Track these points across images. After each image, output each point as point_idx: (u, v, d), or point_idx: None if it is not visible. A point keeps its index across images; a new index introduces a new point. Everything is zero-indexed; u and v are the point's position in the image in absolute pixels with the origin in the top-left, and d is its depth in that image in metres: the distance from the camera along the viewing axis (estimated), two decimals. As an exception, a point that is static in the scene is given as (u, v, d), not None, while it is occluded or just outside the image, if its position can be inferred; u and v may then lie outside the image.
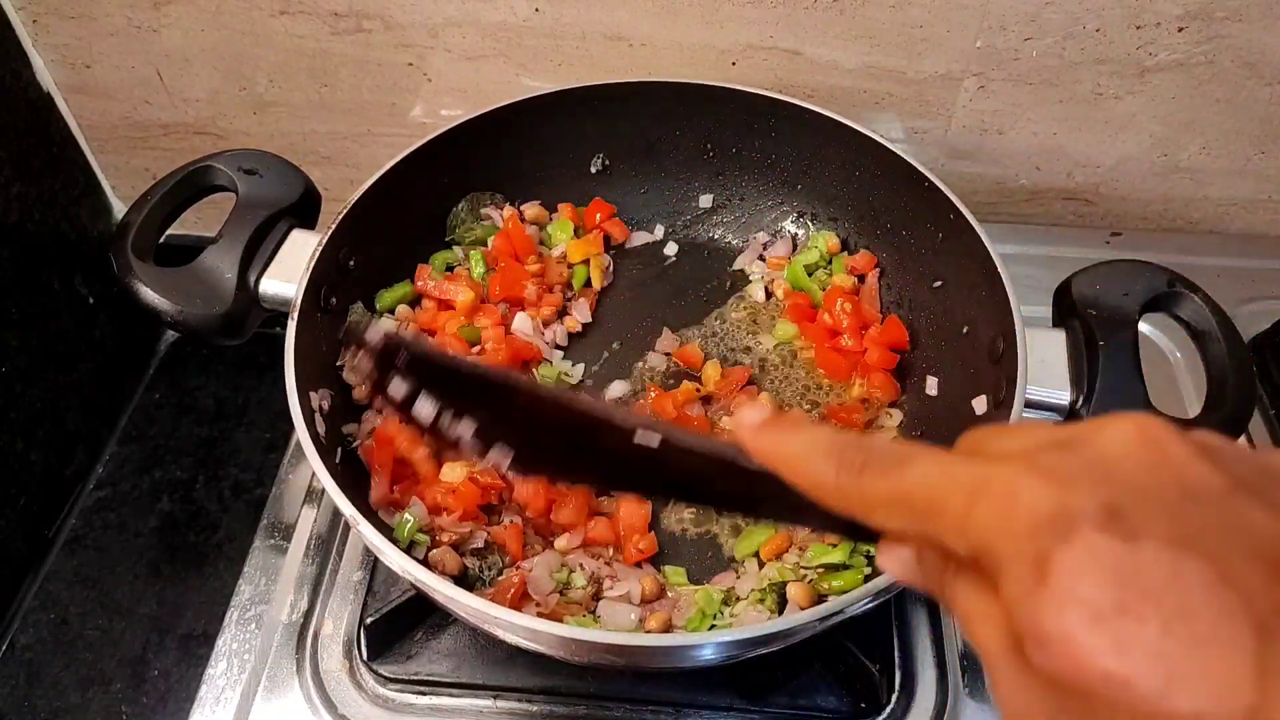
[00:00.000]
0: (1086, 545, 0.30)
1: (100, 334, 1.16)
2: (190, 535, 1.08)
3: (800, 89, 1.01)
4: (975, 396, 0.77)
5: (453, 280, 0.92)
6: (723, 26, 0.97)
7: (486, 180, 0.97)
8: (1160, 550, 0.30)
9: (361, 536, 0.65)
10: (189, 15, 1.01)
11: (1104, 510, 0.31)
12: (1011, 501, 0.32)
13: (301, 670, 0.80)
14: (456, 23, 0.99)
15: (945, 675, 0.79)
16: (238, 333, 0.77)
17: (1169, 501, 0.31)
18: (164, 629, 1.00)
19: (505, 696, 0.78)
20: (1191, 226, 1.13)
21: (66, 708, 0.95)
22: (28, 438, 1.04)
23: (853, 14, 0.94)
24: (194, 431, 1.17)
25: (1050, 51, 0.95)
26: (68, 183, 1.12)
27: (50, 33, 1.04)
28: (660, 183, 1.02)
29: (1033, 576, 0.31)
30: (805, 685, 0.77)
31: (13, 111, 1.02)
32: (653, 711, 0.77)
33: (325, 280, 0.80)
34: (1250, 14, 0.91)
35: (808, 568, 0.76)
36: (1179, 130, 1.02)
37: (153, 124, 1.13)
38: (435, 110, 1.08)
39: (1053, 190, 1.11)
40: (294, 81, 1.07)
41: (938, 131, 1.05)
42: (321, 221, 0.84)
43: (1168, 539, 0.30)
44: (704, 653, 0.65)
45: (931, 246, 0.87)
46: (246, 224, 0.78)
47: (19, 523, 1.04)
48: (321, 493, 0.92)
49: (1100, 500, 0.31)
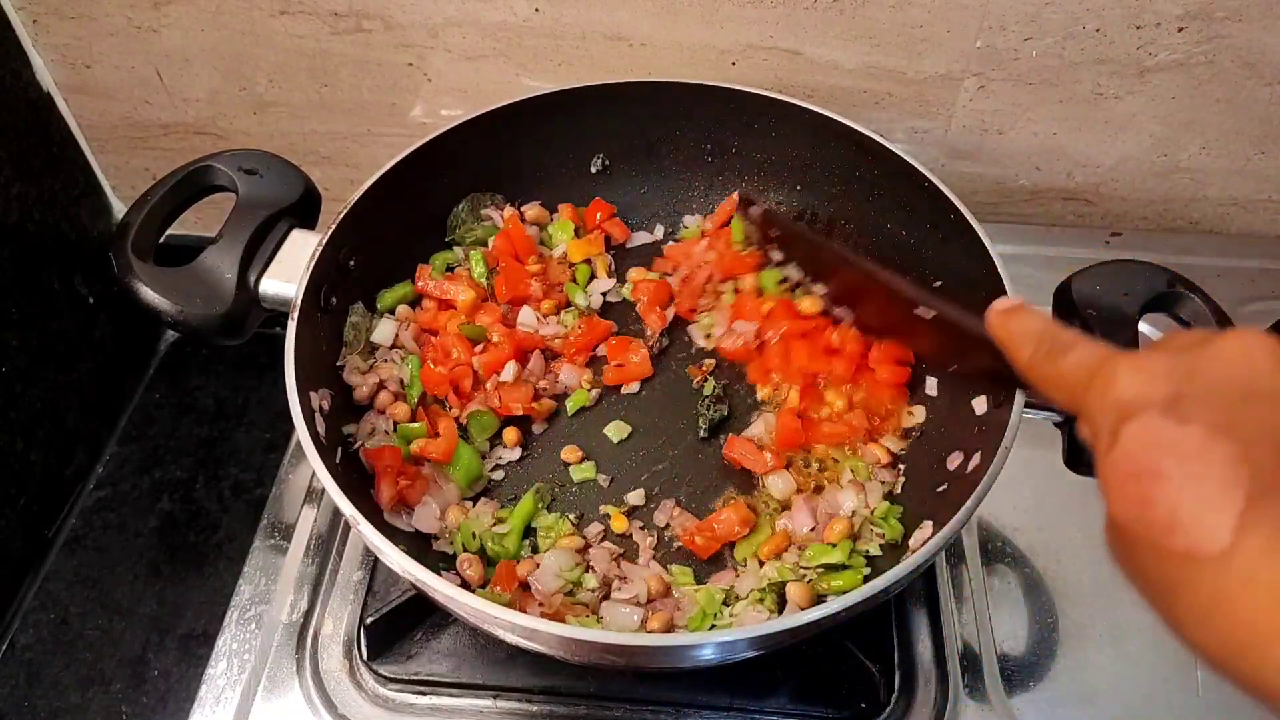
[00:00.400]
0: (1145, 423, 0.41)
1: (100, 334, 1.16)
2: (190, 535, 1.08)
3: (800, 89, 1.01)
4: (975, 397, 0.77)
5: (453, 280, 0.92)
6: (723, 26, 0.97)
7: (486, 180, 0.97)
8: (1201, 431, 0.39)
9: (361, 536, 0.65)
10: (189, 15, 1.01)
11: (1169, 399, 0.41)
12: (1109, 386, 0.44)
13: (301, 670, 0.80)
14: (456, 23, 0.99)
15: (945, 675, 0.79)
16: (238, 333, 0.77)
17: (1229, 399, 0.40)
18: (164, 629, 1.00)
19: (505, 696, 0.78)
20: (1191, 226, 1.13)
21: (66, 708, 0.95)
22: (28, 438, 1.04)
23: (853, 14, 0.94)
24: (194, 431, 1.17)
25: (1050, 51, 0.95)
26: (68, 183, 1.12)
27: (50, 33, 1.04)
28: (660, 183, 1.02)
29: (1107, 442, 0.42)
30: (805, 685, 0.77)
31: (13, 111, 1.02)
32: (653, 711, 0.77)
33: (325, 280, 0.80)
34: (1250, 14, 0.91)
35: (807, 568, 0.76)
36: (1179, 130, 1.02)
37: (153, 124, 1.13)
38: (435, 110, 1.08)
39: (1053, 190, 1.11)
40: (294, 81, 1.07)
41: (938, 131, 1.05)
42: (321, 221, 0.84)
43: (1212, 424, 0.39)
44: (703, 653, 0.65)
45: (931, 246, 0.87)
46: (246, 224, 0.78)
47: (19, 523, 1.04)
48: (321, 493, 0.92)
49: (1170, 392, 0.41)
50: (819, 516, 0.79)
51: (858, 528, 0.79)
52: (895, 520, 0.78)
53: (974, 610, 0.83)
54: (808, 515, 0.79)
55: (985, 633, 0.82)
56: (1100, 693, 0.79)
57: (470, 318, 0.90)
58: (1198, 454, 0.38)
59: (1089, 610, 0.83)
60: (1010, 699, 0.78)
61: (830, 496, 0.81)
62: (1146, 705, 0.78)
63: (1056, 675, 0.80)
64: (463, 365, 0.86)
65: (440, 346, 0.87)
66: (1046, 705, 0.78)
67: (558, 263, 0.97)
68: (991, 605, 0.83)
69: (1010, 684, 0.79)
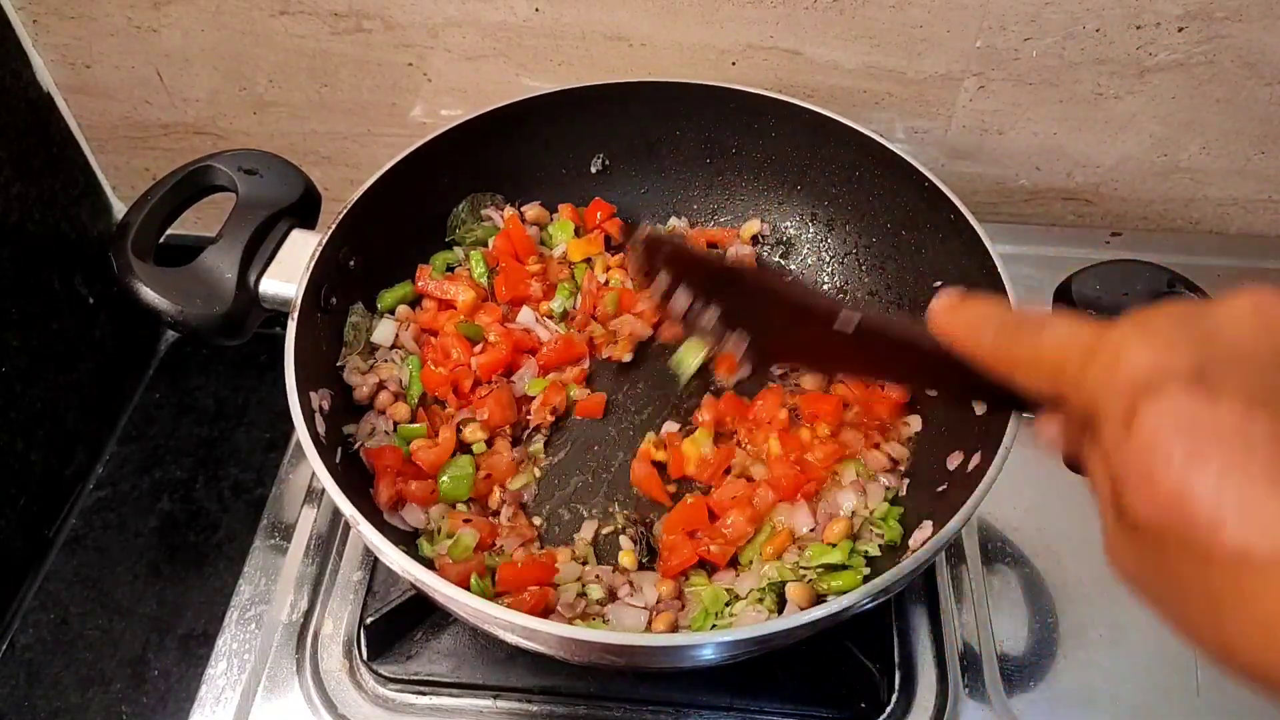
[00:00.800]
0: (1170, 400, 0.34)
1: (100, 334, 1.16)
2: (190, 535, 1.08)
3: (800, 89, 1.01)
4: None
5: (453, 280, 0.92)
6: (723, 26, 0.97)
7: (486, 180, 0.97)
8: (1235, 406, 0.33)
9: (361, 536, 0.65)
10: (189, 15, 1.01)
11: (1193, 370, 0.34)
12: (1115, 360, 0.37)
13: (301, 670, 0.80)
14: (456, 23, 0.99)
15: (945, 675, 0.79)
16: (238, 333, 0.77)
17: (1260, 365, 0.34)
18: (164, 629, 1.00)
19: (505, 696, 0.78)
20: (1191, 226, 1.13)
21: (66, 708, 0.95)
22: (28, 438, 1.04)
23: (853, 14, 0.94)
24: (194, 431, 1.17)
25: (1050, 51, 0.95)
26: (68, 183, 1.12)
27: (50, 33, 1.04)
28: (660, 183, 1.02)
29: (1123, 426, 0.35)
30: (805, 685, 0.77)
31: (13, 111, 1.02)
32: (653, 711, 0.77)
33: (325, 280, 0.80)
34: (1250, 14, 0.91)
35: (807, 567, 0.76)
36: (1179, 130, 1.02)
37: (153, 124, 1.13)
38: (435, 110, 1.08)
39: (1053, 190, 1.11)
40: (294, 81, 1.07)
41: (938, 131, 1.05)
42: (321, 221, 0.84)
43: (1246, 397, 0.33)
44: (703, 653, 0.65)
45: (931, 246, 0.87)
46: (246, 224, 0.78)
47: (19, 523, 1.04)
48: (321, 493, 0.92)
49: (1192, 361, 0.34)
50: (819, 516, 0.79)
51: (857, 528, 0.79)
52: (895, 521, 0.78)
53: (974, 610, 0.83)
54: (808, 515, 0.79)
55: (985, 633, 0.82)
56: (1100, 693, 0.79)
57: (470, 318, 0.90)
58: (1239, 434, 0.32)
59: (1089, 610, 0.83)
60: (1010, 699, 0.78)
61: (830, 497, 0.81)
62: (1146, 705, 0.78)
63: (1056, 675, 0.80)
64: (463, 365, 0.86)
65: (440, 347, 0.87)
66: (1046, 705, 0.78)
67: (558, 262, 0.97)
68: (991, 605, 0.83)
69: (1010, 684, 0.79)
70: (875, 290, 0.95)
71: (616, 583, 0.77)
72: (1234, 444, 0.32)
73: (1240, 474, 0.32)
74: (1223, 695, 0.77)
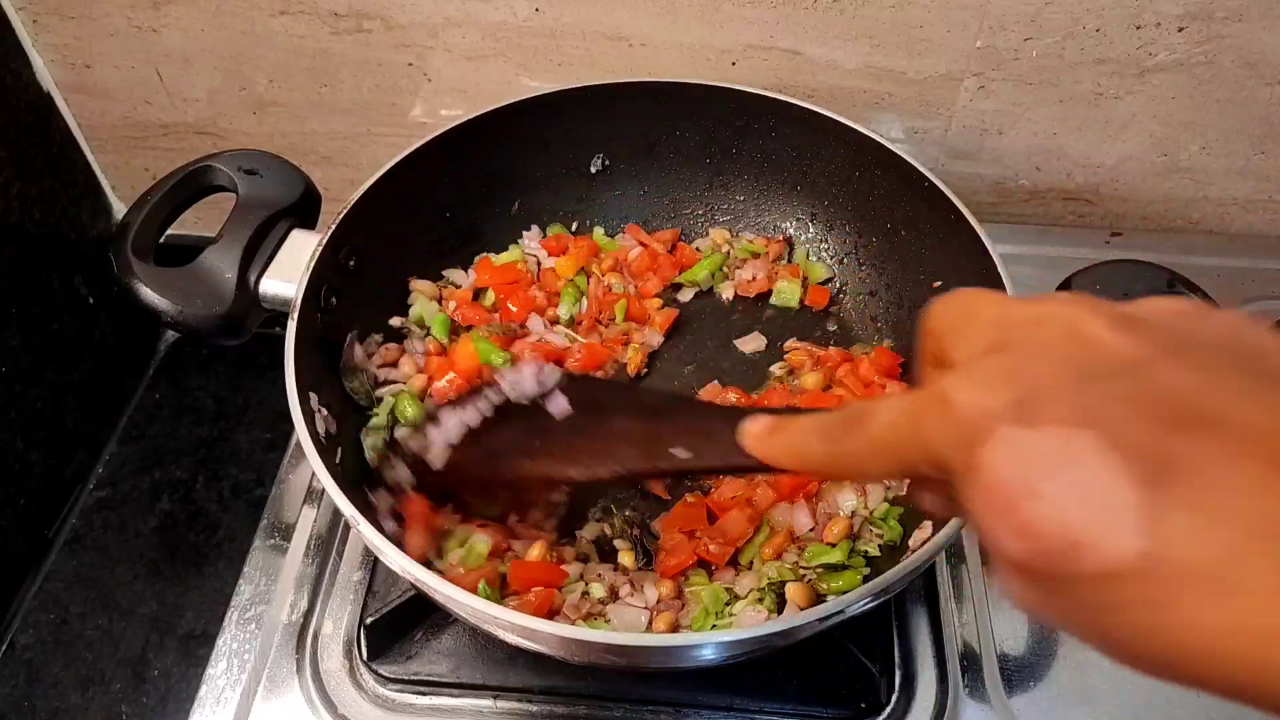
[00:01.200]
0: (999, 441, 0.33)
1: (100, 334, 1.16)
2: (190, 535, 1.08)
3: (800, 89, 1.01)
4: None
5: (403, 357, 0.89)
6: (723, 26, 0.97)
7: (486, 180, 0.97)
8: (1056, 430, 0.32)
9: (361, 536, 0.65)
10: (189, 15, 1.01)
11: (1012, 405, 0.33)
12: (945, 416, 0.36)
13: (301, 670, 0.80)
14: (456, 23, 0.99)
15: (945, 675, 0.79)
16: (238, 333, 0.77)
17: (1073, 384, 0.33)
18: (164, 629, 1.00)
19: (505, 696, 0.78)
20: (1191, 226, 1.13)
21: (66, 708, 0.95)
22: (28, 438, 1.04)
23: (853, 14, 0.94)
24: (194, 431, 1.17)
25: (1050, 51, 0.95)
26: (68, 183, 1.12)
27: (50, 33, 1.04)
28: (660, 183, 1.02)
29: (969, 479, 0.34)
30: (805, 685, 0.77)
31: (13, 111, 1.02)
32: (652, 711, 0.77)
33: (325, 280, 0.80)
34: (1250, 14, 0.91)
35: (807, 568, 0.76)
36: (1179, 130, 1.02)
37: (153, 124, 1.13)
38: (435, 110, 1.08)
39: (1053, 190, 1.11)
40: (294, 81, 1.07)
41: (938, 131, 1.05)
42: (321, 221, 0.84)
43: (1064, 419, 0.32)
44: (703, 653, 0.65)
45: (931, 246, 0.87)
46: (246, 224, 0.78)
47: (19, 523, 1.03)
48: (321, 493, 0.92)
49: (1010, 396, 0.34)
50: (819, 516, 0.79)
51: (857, 528, 0.79)
52: (895, 521, 0.78)
53: (974, 610, 0.83)
54: (807, 515, 0.79)
55: (985, 632, 0.82)
56: (1100, 693, 0.79)
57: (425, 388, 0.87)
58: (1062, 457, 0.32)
59: (1089, 610, 0.83)
60: (1010, 699, 0.78)
61: (830, 496, 0.81)
62: (1146, 705, 0.78)
63: (1056, 675, 0.80)
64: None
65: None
66: (1046, 705, 0.78)
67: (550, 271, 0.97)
68: (991, 605, 0.84)
69: (1010, 684, 0.79)
70: (875, 290, 0.95)
71: (618, 582, 0.77)
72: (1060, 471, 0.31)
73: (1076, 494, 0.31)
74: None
